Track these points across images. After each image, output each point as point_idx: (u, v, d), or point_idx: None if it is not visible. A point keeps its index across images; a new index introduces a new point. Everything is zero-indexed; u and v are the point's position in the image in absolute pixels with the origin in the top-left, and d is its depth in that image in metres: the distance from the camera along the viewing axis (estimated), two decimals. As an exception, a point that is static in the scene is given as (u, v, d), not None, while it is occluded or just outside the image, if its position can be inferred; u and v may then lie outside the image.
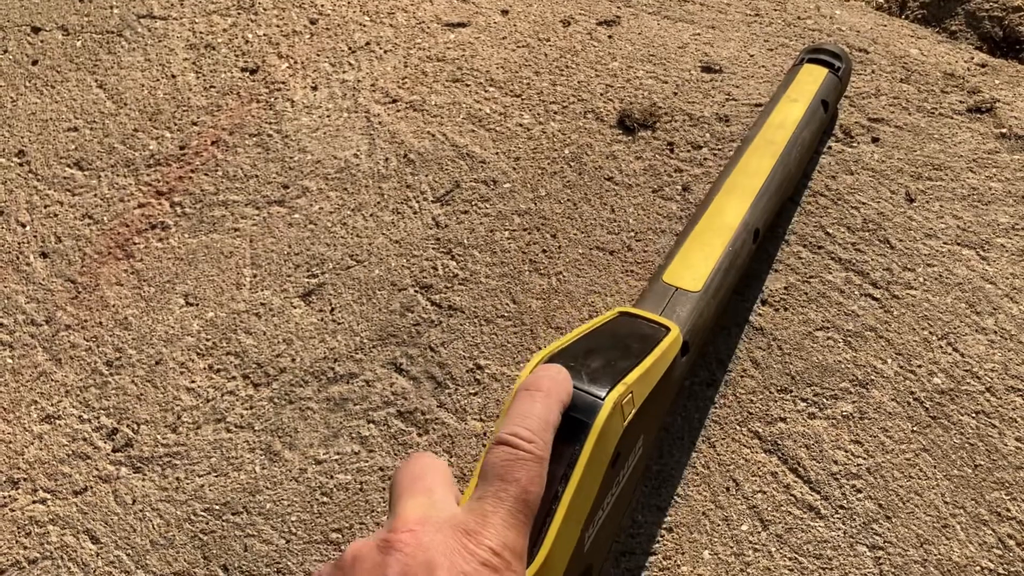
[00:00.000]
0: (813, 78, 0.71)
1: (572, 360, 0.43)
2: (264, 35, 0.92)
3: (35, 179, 0.85)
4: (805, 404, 0.62)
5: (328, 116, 0.84)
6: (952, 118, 0.74)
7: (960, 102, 0.75)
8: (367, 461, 0.64)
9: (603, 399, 0.41)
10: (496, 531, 0.33)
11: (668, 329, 0.51)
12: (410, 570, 0.31)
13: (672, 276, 0.57)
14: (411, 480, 0.37)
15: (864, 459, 0.59)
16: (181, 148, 0.84)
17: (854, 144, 0.73)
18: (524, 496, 0.35)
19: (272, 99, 0.86)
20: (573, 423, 0.40)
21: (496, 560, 0.32)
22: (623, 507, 0.47)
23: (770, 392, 0.62)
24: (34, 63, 0.95)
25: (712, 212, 0.61)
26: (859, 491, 0.58)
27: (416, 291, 0.71)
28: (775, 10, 0.85)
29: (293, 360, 0.69)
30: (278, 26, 0.92)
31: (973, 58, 0.79)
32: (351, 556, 0.33)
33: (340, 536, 0.61)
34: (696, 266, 0.58)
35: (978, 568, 0.54)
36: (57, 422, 0.70)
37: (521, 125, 0.79)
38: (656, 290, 0.57)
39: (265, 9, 0.94)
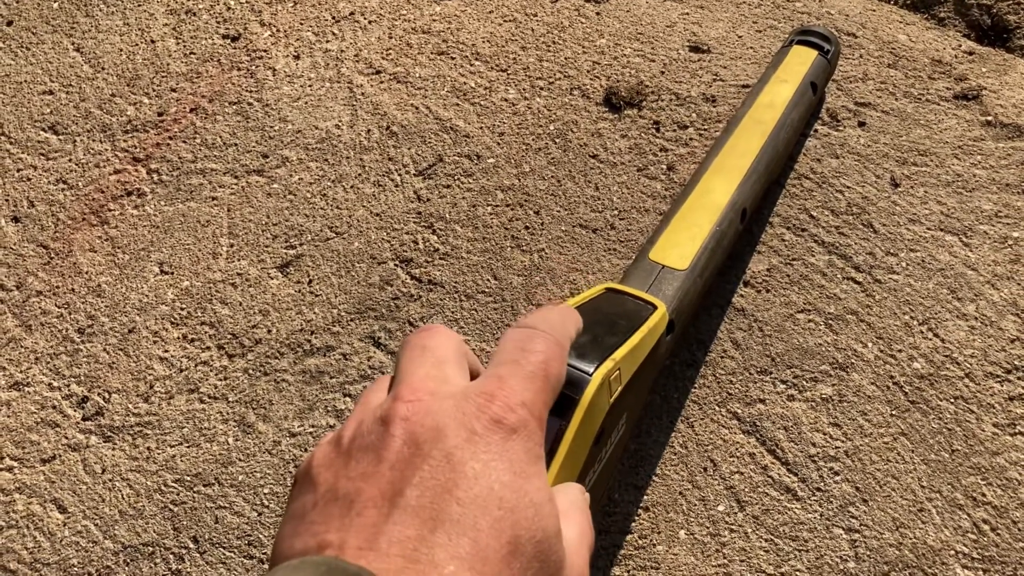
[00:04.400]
0: (802, 60, 0.70)
1: None
2: (246, 2, 0.90)
3: (8, 142, 0.83)
4: (785, 386, 0.61)
5: (310, 86, 0.82)
6: (938, 104, 0.74)
7: (947, 89, 0.75)
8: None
9: (591, 374, 0.40)
10: (512, 391, 0.30)
11: (655, 307, 0.50)
12: (416, 437, 0.28)
13: (658, 254, 0.57)
14: (420, 350, 0.33)
15: (842, 442, 0.59)
16: (159, 115, 0.83)
17: (840, 128, 0.73)
18: (545, 367, 0.32)
19: (253, 67, 0.85)
20: (559, 398, 0.39)
21: (511, 417, 0.29)
22: (603, 486, 0.46)
23: (750, 373, 0.62)
24: (8, 24, 0.93)
25: (700, 191, 0.61)
26: (836, 474, 0.58)
27: (396, 265, 0.70)
28: (765, -8, 0.85)
29: (269, 331, 0.68)
30: (261, -7, 0.91)
31: (961, 45, 0.79)
32: (351, 432, 0.30)
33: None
34: (683, 244, 0.57)
35: (952, 552, 0.54)
36: (26, 389, 0.69)
37: (506, 100, 0.78)
38: (642, 267, 0.56)
39: (248, -24, 0.93)
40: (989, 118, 0.72)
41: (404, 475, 0.27)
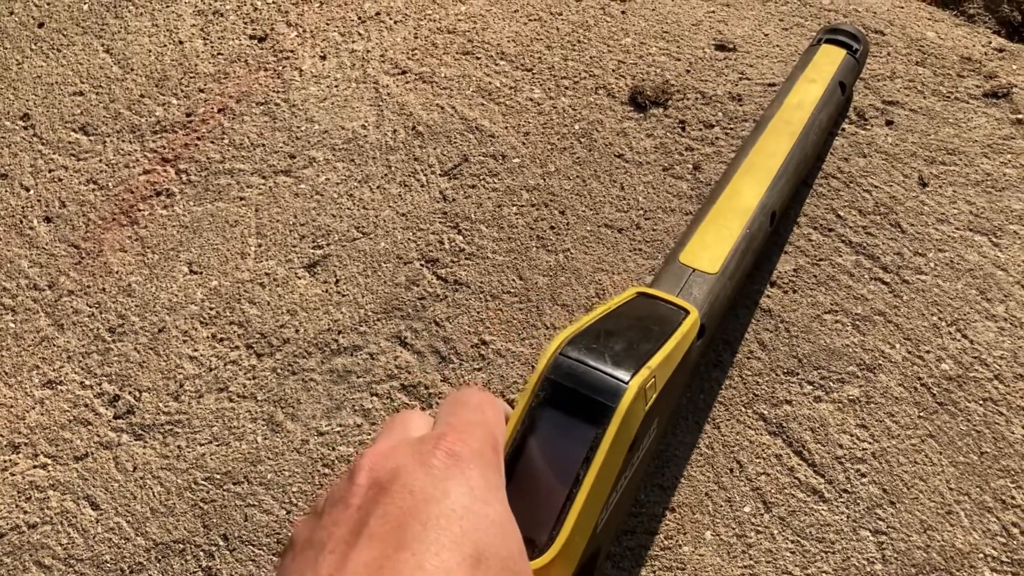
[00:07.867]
0: (831, 59, 0.70)
1: (594, 341, 0.42)
2: (273, 3, 0.91)
3: (40, 143, 0.85)
4: (811, 387, 0.61)
5: (336, 86, 0.83)
6: (968, 103, 0.73)
7: (976, 87, 0.74)
8: (369, 434, 0.63)
9: (627, 383, 0.40)
10: (462, 431, 0.33)
11: (687, 312, 0.50)
12: (379, 481, 0.30)
13: (689, 257, 0.56)
14: (389, 427, 0.36)
15: (869, 444, 0.59)
16: (187, 115, 0.84)
17: (868, 127, 0.73)
18: (481, 412, 0.35)
19: (280, 68, 0.85)
20: (596, 406, 0.39)
21: (465, 450, 0.32)
22: (633, 490, 0.46)
23: (776, 374, 0.62)
24: (40, 25, 0.94)
25: (729, 193, 0.61)
26: (863, 475, 0.58)
27: (422, 265, 0.70)
28: (791, -11, 0.84)
29: (297, 331, 0.69)
30: (287, -6, 0.91)
31: (991, 42, 0.78)
32: (324, 496, 0.33)
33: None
34: (713, 247, 0.57)
35: (981, 555, 0.54)
36: (59, 387, 0.70)
37: (531, 100, 0.78)
38: (672, 271, 0.56)
39: (274, -24, 0.93)
40: (1020, 116, 0.72)
41: (369, 511, 0.30)
